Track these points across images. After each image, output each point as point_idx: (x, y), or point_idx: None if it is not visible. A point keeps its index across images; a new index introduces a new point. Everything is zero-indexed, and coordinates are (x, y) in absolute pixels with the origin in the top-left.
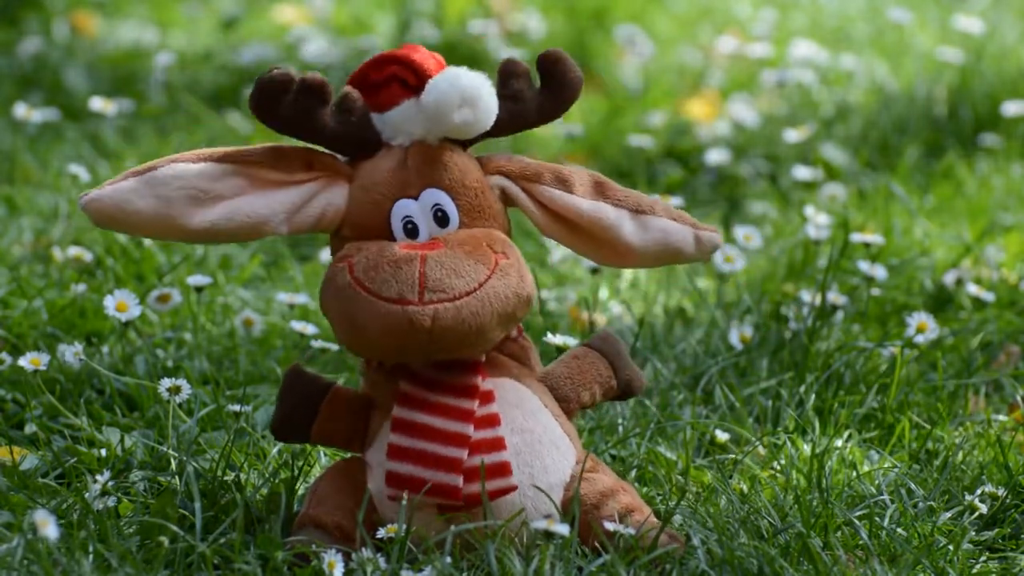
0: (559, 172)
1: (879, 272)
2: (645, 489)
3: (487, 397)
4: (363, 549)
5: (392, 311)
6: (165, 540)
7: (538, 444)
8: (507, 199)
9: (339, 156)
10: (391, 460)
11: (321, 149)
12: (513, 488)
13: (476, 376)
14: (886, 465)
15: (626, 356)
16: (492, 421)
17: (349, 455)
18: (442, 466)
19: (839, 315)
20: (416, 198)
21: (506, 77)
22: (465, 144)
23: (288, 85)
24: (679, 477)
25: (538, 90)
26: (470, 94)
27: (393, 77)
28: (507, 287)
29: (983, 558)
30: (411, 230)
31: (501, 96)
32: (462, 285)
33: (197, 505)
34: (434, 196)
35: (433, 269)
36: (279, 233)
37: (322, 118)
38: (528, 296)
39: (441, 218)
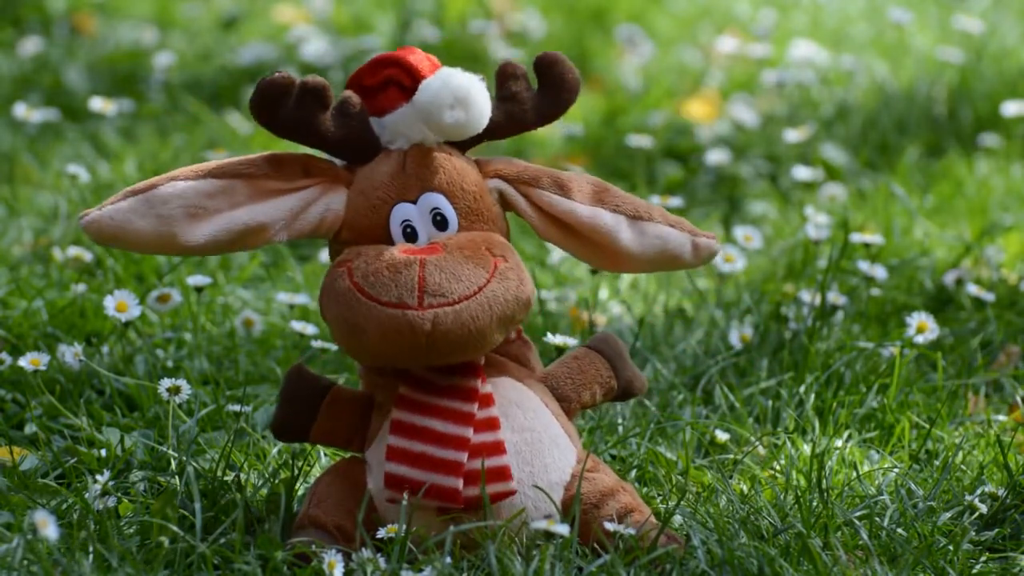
0: (558, 177)
1: (879, 272)
2: (645, 489)
3: (486, 400)
4: (363, 549)
5: (392, 315)
6: (165, 540)
7: (538, 443)
8: (505, 203)
9: (337, 161)
10: (390, 462)
11: (319, 154)
12: (512, 492)
13: (476, 379)
14: (886, 465)
15: (626, 357)
16: (492, 425)
17: (349, 455)
18: (441, 469)
19: (839, 315)
20: (415, 202)
21: (503, 79)
22: (464, 147)
23: (289, 88)
24: (679, 477)
25: (536, 92)
26: (462, 94)
27: (390, 80)
28: (507, 290)
29: (983, 558)
30: (410, 234)
31: (499, 98)
32: (462, 289)
33: (197, 505)
34: (432, 200)
35: (432, 273)
36: (279, 240)
37: (323, 122)
38: (527, 299)
39: (440, 222)
